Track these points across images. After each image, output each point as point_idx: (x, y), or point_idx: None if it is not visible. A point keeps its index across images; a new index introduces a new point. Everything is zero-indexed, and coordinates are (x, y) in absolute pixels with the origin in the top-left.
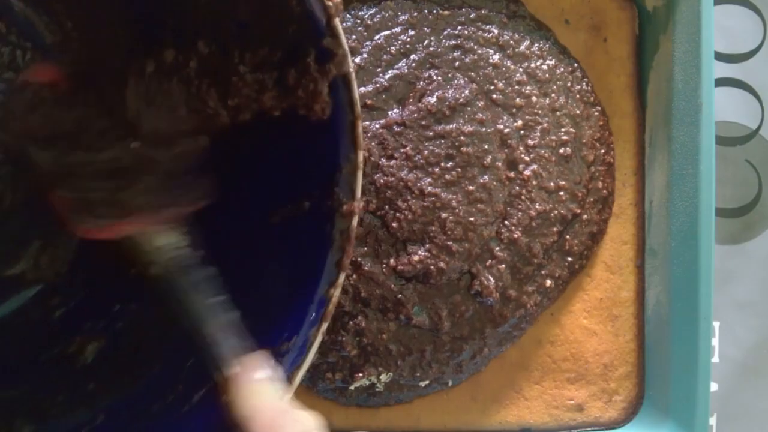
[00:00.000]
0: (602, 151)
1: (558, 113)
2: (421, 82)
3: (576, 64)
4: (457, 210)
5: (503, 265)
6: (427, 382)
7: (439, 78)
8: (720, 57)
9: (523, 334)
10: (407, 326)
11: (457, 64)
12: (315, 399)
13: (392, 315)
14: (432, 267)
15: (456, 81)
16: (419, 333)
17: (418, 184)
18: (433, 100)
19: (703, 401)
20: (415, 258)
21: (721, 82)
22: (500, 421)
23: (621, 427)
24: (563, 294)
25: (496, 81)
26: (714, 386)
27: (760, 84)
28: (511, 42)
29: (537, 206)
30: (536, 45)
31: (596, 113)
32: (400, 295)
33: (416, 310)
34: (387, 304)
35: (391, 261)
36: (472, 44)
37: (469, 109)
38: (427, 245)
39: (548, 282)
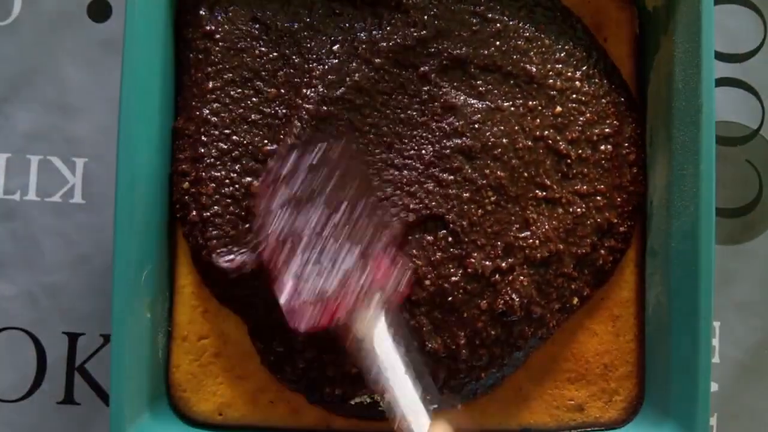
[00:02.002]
0: (643, 149)
1: (603, 101)
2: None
3: (603, 49)
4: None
5: (528, 278)
6: (435, 405)
7: (448, 45)
8: (720, 57)
9: (533, 352)
10: (419, 352)
11: (475, 30)
12: (310, 406)
13: (402, 342)
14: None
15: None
16: (433, 359)
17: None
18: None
19: (704, 401)
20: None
21: (721, 82)
22: (500, 422)
23: (621, 428)
24: None
25: (532, 56)
26: (714, 386)
27: (761, 84)
28: (541, 17)
29: (571, 211)
30: (567, 22)
31: (637, 103)
32: (412, 322)
33: (429, 336)
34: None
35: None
36: (494, 14)
37: (491, 87)
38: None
39: (575, 300)
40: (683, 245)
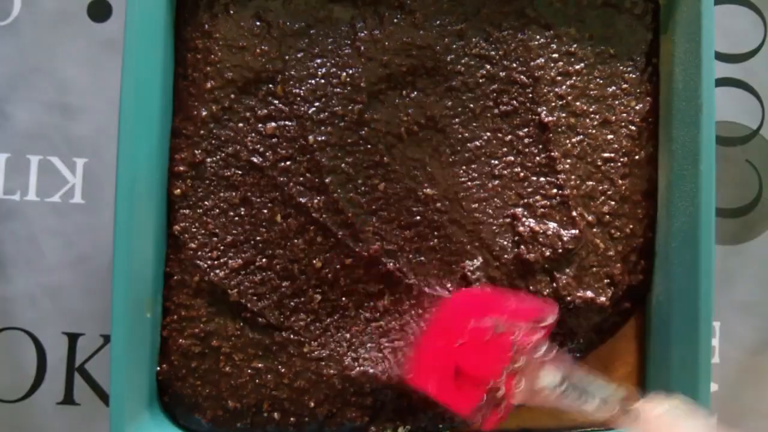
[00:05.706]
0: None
1: None
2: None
3: None
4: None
5: None
6: None
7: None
8: (720, 57)
9: None
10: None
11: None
12: None
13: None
14: None
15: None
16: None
17: None
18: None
19: (704, 401)
20: None
21: (721, 82)
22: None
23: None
24: None
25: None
26: (714, 386)
27: (760, 84)
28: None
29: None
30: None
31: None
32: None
33: None
34: None
35: None
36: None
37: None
38: None
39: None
40: (683, 245)
